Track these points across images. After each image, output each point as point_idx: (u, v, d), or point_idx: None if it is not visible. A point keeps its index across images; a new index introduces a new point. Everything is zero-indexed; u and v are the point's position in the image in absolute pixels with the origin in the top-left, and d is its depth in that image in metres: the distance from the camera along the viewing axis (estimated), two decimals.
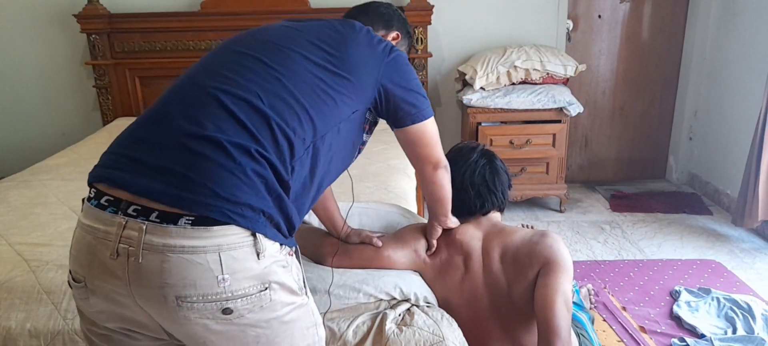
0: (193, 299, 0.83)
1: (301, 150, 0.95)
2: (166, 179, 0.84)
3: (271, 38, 1.05)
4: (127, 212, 0.84)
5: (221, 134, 0.86)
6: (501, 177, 1.44)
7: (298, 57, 1.01)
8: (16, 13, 3.28)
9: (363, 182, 2.08)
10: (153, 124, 0.92)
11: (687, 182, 3.72)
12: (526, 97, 3.01)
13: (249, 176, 0.86)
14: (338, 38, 1.08)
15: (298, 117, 0.94)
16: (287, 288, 0.92)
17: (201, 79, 0.96)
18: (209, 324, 0.86)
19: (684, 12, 3.50)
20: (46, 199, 2.03)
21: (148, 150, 0.88)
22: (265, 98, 0.92)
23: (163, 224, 0.82)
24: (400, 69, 1.13)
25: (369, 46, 1.11)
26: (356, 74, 1.05)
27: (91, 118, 3.45)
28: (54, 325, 1.44)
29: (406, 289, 1.33)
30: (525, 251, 1.32)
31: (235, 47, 1.04)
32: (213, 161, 0.84)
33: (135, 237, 0.82)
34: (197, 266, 0.82)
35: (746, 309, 2.17)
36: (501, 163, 1.47)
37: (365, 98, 1.08)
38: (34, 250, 1.61)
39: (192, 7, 3.24)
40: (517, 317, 1.34)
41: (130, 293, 0.85)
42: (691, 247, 2.81)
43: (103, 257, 0.85)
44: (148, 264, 0.82)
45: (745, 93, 3.07)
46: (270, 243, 0.89)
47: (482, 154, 1.45)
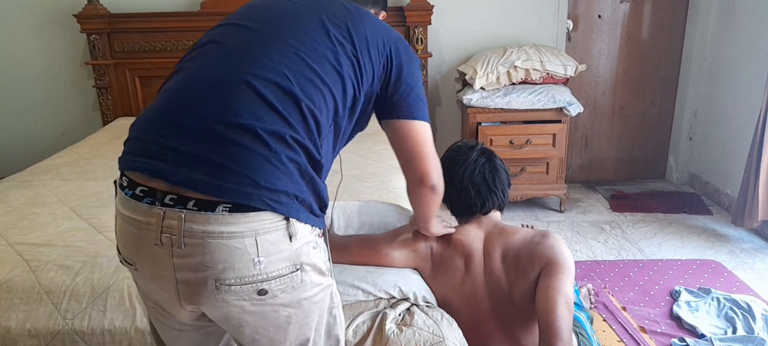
0: (232, 281, 0.87)
1: (326, 128, 0.98)
2: (206, 169, 0.85)
3: (285, 14, 1.04)
4: (164, 201, 0.85)
5: (256, 122, 0.87)
6: (501, 176, 1.44)
7: (317, 35, 1.01)
8: (17, 13, 3.28)
9: (363, 182, 2.08)
10: (183, 110, 0.91)
11: (687, 182, 3.72)
12: (526, 97, 3.01)
13: (284, 163, 0.88)
14: (351, 16, 1.06)
15: (323, 96, 0.96)
16: (317, 269, 0.96)
17: (226, 61, 0.96)
18: (245, 305, 0.90)
19: (684, 12, 3.50)
20: (46, 199, 2.03)
21: (182, 138, 0.88)
22: (293, 79, 0.93)
23: (201, 212, 0.84)
24: (407, 56, 1.10)
25: (380, 26, 1.10)
26: (368, 52, 1.04)
27: (91, 118, 3.45)
28: (54, 325, 1.44)
29: (405, 288, 1.33)
30: (526, 251, 1.32)
31: (251, 24, 1.02)
32: (251, 150, 0.86)
33: (175, 226, 0.85)
34: (235, 250, 0.85)
35: (746, 309, 2.17)
36: (500, 161, 1.46)
37: (374, 76, 1.06)
38: (34, 250, 1.61)
39: (192, 7, 3.24)
40: (517, 317, 1.34)
41: (173, 278, 0.89)
42: (691, 247, 2.81)
43: (149, 245, 0.88)
44: (191, 250, 0.85)
45: (745, 93, 3.07)
46: (302, 226, 0.92)
47: (481, 152, 1.44)
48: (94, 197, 2.04)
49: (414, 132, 1.09)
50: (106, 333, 1.44)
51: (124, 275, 1.49)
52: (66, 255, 1.58)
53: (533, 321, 1.34)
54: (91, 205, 1.96)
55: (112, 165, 2.41)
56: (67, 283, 1.48)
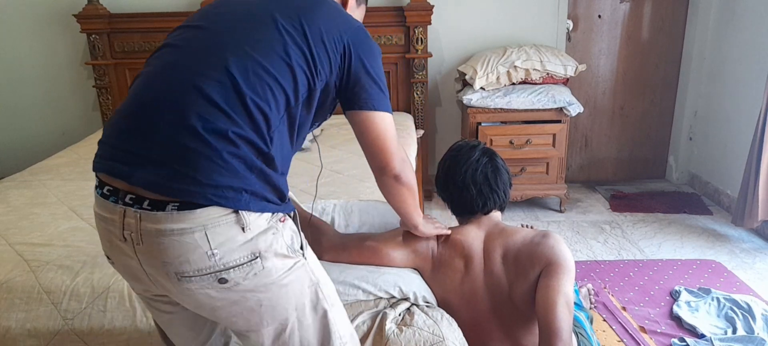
0: (190, 273, 0.92)
1: (277, 120, 0.99)
2: (156, 170, 0.91)
3: (237, 12, 1.06)
4: (125, 200, 0.92)
5: (198, 121, 0.91)
6: (502, 176, 1.43)
7: (266, 29, 1.02)
8: (17, 13, 3.28)
9: (363, 182, 2.08)
10: (138, 114, 0.97)
11: (687, 182, 3.72)
12: (526, 97, 3.01)
13: (226, 159, 0.91)
14: (305, 8, 1.06)
15: (270, 89, 0.97)
16: (279, 254, 0.98)
17: (179, 61, 1.01)
18: (210, 293, 0.95)
19: (684, 12, 3.50)
20: (46, 199, 2.03)
21: (139, 141, 0.94)
22: (238, 75, 0.95)
23: (153, 212, 0.90)
24: (367, 46, 1.10)
25: (338, 15, 1.10)
26: (323, 41, 1.04)
27: (90, 118, 3.45)
28: (54, 325, 1.44)
29: (405, 288, 1.33)
30: (527, 251, 1.31)
31: (204, 24, 1.06)
32: (193, 150, 0.90)
33: (133, 224, 0.92)
34: (187, 245, 0.90)
35: (746, 309, 2.17)
36: (502, 161, 1.46)
37: (331, 66, 1.06)
38: (34, 250, 1.62)
39: (192, 7, 3.24)
40: (517, 317, 1.34)
41: (142, 270, 0.96)
42: (691, 247, 2.81)
43: (116, 240, 0.96)
44: (148, 246, 0.92)
45: (745, 93, 3.07)
46: (256, 215, 0.95)
47: (483, 152, 1.44)
48: (94, 197, 2.03)
49: (374, 123, 1.10)
50: (106, 333, 1.44)
51: None
52: (66, 255, 1.58)
53: (533, 321, 1.34)
54: (91, 205, 1.95)
55: None
56: (67, 283, 1.48)
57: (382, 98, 1.11)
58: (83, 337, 1.45)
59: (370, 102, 1.10)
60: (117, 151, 0.96)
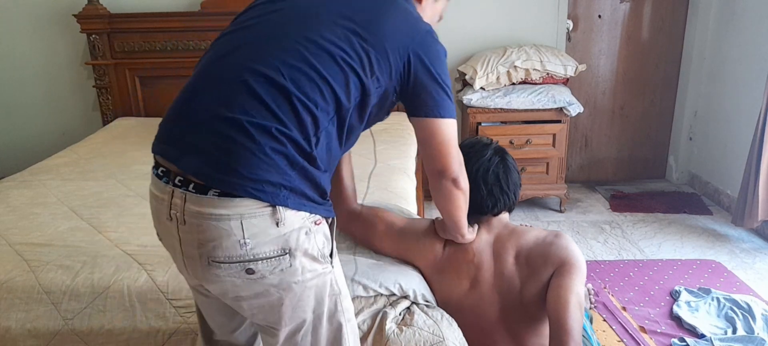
0: (221, 259, 0.95)
1: (326, 121, 0.99)
2: (201, 158, 0.94)
3: (300, 8, 1.05)
4: (174, 182, 0.96)
5: (244, 116, 0.93)
6: (513, 176, 1.40)
7: (326, 28, 1.01)
8: (17, 13, 3.27)
9: (363, 182, 2.08)
10: (190, 101, 1.00)
11: (687, 182, 3.72)
12: (526, 97, 3.01)
13: (268, 154, 0.93)
14: (375, 9, 1.05)
15: (319, 90, 0.97)
16: (309, 255, 0.99)
17: (233, 53, 1.02)
18: (236, 282, 0.97)
19: (684, 12, 3.50)
20: (46, 199, 2.03)
21: (188, 128, 0.98)
22: (286, 73, 0.96)
23: (197, 194, 0.93)
24: (433, 51, 1.08)
25: (405, 19, 1.07)
26: (385, 48, 1.02)
27: (90, 118, 3.44)
28: (54, 325, 1.44)
29: (405, 285, 1.33)
30: (539, 251, 1.31)
31: (267, 15, 1.06)
32: (236, 142, 0.92)
33: (179, 205, 0.95)
34: (223, 231, 0.93)
35: (746, 309, 2.17)
36: (513, 161, 1.42)
37: (391, 72, 1.04)
38: (34, 250, 1.61)
39: (192, 7, 3.24)
40: (525, 319, 1.34)
41: (181, 251, 0.99)
42: (691, 247, 2.81)
43: (164, 219, 0.99)
44: (189, 227, 0.95)
45: (745, 93, 3.07)
46: (292, 212, 0.96)
47: (496, 151, 1.40)
48: (94, 197, 2.03)
49: (439, 130, 1.10)
50: (105, 333, 1.44)
51: (124, 275, 1.50)
52: (66, 255, 1.58)
53: (540, 323, 1.33)
54: (91, 205, 1.96)
55: (112, 165, 2.41)
56: (67, 283, 1.48)
57: (448, 104, 1.10)
58: (83, 337, 1.44)
59: (437, 109, 1.09)
60: (170, 135, 1.00)
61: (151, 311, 1.45)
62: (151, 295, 1.46)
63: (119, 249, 1.61)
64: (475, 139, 1.47)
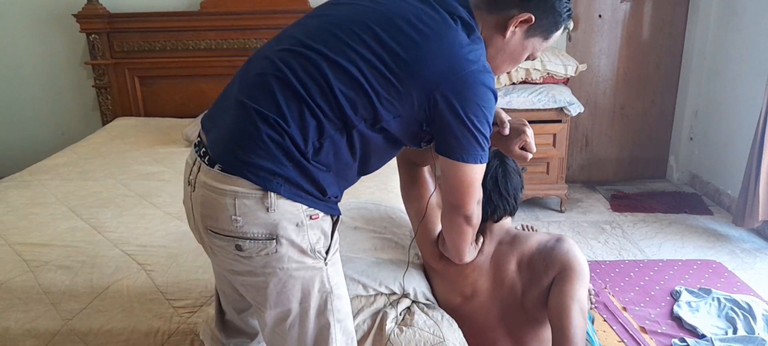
0: (216, 230, 1.01)
1: (332, 130, 1.00)
2: (217, 135, 1.03)
3: (338, 18, 1.03)
4: (200, 151, 1.04)
5: (254, 103, 0.99)
6: (513, 180, 1.37)
7: (349, 46, 0.99)
8: (16, 12, 3.27)
9: (363, 182, 2.07)
10: (230, 85, 1.09)
11: (688, 182, 3.71)
12: (527, 97, 3.01)
13: (265, 141, 0.96)
14: (411, 36, 0.98)
15: (328, 101, 0.98)
16: (297, 246, 1.01)
17: (266, 51, 1.07)
18: (230, 255, 1.02)
19: (684, 11, 3.50)
20: (46, 199, 2.03)
21: (220, 108, 1.07)
22: (301, 77, 0.99)
23: (208, 166, 1.01)
24: (469, 93, 0.98)
25: (448, 56, 0.98)
26: (408, 83, 0.97)
27: (90, 118, 3.44)
28: (53, 325, 1.44)
29: (405, 284, 1.33)
30: (541, 256, 1.29)
31: (307, 21, 1.08)
32: (240, 127, 0.99)
33: (195, 172, 1.04)
34: (219, 204, 0.99)
35: (747, 309, 2.17)
36: (514, 165, 1.40)
37: (414, 106, 0.99)
38: (34, 250, 1.61)
39: (191, 6, 3.24)
40: (526, 323, 1.33)
41: (192, 215, 1.07)
42: (691, 247, 2.80)
43: (185, 183, 1.08)
44: (197, 195, 1.03)
45: (746, 93, 3.07)
46: (285, 201, 0.98)
47: (495, 155, 1.37)
48: (93, 197, 2.03)
49: (458, 173, 1.05)
50: (105, 333, 1.44)
51: (124, 275, 1.49)
52: (65, 255, 1.58)
53: (542, 327, 1.32)
54: (91, 205, 1.96)
55: (111, 165, 2.40)
56: (67, 283, 1.48)
57: (474, 149, 1.02)
58: (83, 337, 1.44)
59: (461, 153, 1.02)
60: (212, 110, 1.10)
61: (151, 312, 1.45)
62: (151, 295, 1.46)
63: (119, 249, 1.61)
64: None
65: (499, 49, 1.09)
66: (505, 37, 1.07)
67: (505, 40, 1.08)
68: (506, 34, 1.07)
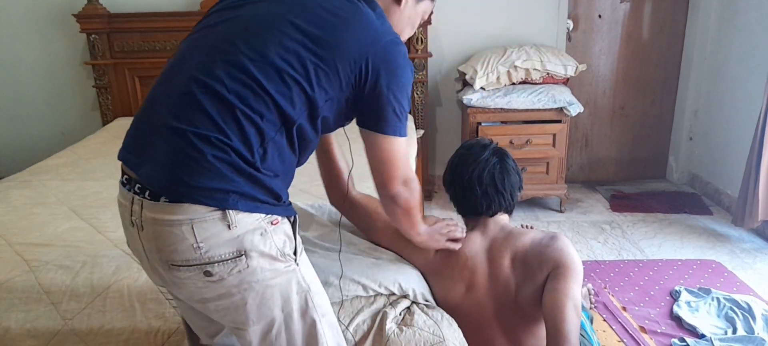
0: (179, 262, 0.96)
1: (273, 132, 0.98)
2: (154, 166, 0.96)
3: (250, 16, 1.04)
4: (135, 189, 0.99)
5: (189, 126, 0.95)
6: (511, 178, 1.38)
7: (273, 39, 0.99)
8: (16, 13, 3.27)
9: (362, 182, 2.08)
10: (150, 111, 1.03)
11: (687, 182, 3.71)
12: (527, 97, 3.01)
13: (211, 162, 0.93)
14: (328, 19, 1.02)
15: (264, 102, 0.97)
16: (266, 255, 0.99)
17: (183, 64, 1.03)
18: (198, 284, 0.99)
19: (684, 12, 3.50)
20: (46, 199, 2.03)
21: (145, 137, 1.01)
22: (229, 86, 0.96)
23: (152, 201, 0.96)
24: (390, 63, 1.04)
25: (368, 28, 1.04)
26: (334, 61, 1.00)
27: (90, 118, 3.44)
28: (53, 325, 1.44)
29: (405, 284, 1.33)
30: (535, 253, 1.30)
31: (216, 24, 1.06)
32: (182, 152, 0.94)
33: (138, 211, 0.98)
34: (176, 236, 0.94)
35: (746, 309, 2.17)
36: (513, 162, 1.40)
37: (342, 84, 1.02)
38: (34, 250, 1.61)
39: (191, 6, 3.24)
40: (521, 320, 1.33)
41: (146, 256, 1.01)
42: (691, 247, 2.81)
43: (127, 225, 1.02)
44: (147, 233, 0.98)
45: (746, 93, 3.07)
46: (245, 215, 0.96)
47: (494, 152, 1.39)
48: (93, 197, 2.03)
49: (381, 146, 1.08)
50: (105, 333, 1.44)
51: (124, 275, 1.49)
52: (66, 255, 1.58)
53: (537, 323, 1.33)
54: (91, 205, 1.96)
55: (111, 165, 2.41)
56: (67, 283, 1.48)
57: (396, 122, 1.07)
58: (83, 337, 1.44)
59: (381, 125, 1.06)
60: (132, 143, 1.03)
61: (151, 311, 1.45)
62: (151, 295, 1.46)
63: (119, 249, 1.61)
64: (475, 140, 1.46)
65: (398, 18, 1.19)
66: (400, 7, 1.18)
67: (401, 9, 1.19)
68: (402, 4, 1.18)
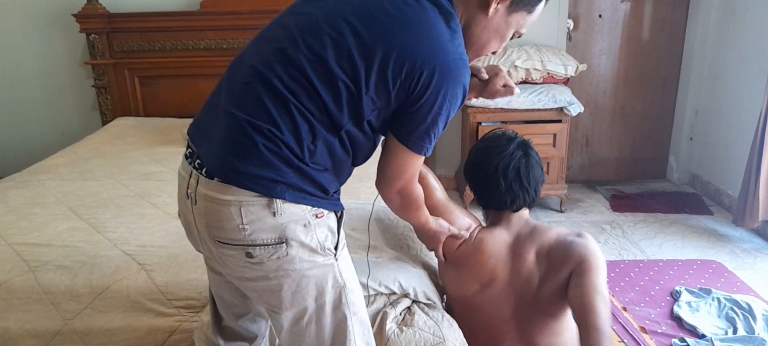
0: (224, 240, 1.00)
1: (324, 131, 1.00)
2: (209, 148, 1.02)
3: (317, 14, 1.02)
4: (195, 163, 1.03)
5: (247, 115, 0.98)
6: (535, 173, 1.36)
7: (330, 45, 0.98)
8: (16, 12, 3.27)
9: (363, 182, 2.08)
10: (217, 93, 1.08)
11: (688, 182, 3.71)
12: (527, 97, 3.01)
13: (262, 152, 0.97)
14: (389, 24, 0.98)
15: (316, 103, 0.99)
16: (306, 246, 1.01)
17: (252, 55, 1.05)
18: (240, 263, 1.02)
19: (685, 11, 3.50)
20: (45, 199, 2.03)
21: (209, 118, 1.06)
22: (286, 81, 0.98)
23: (206, 178, 1.00)
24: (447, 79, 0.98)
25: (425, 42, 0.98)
26: (387, 71, 0.97)
27: (90, 118, 3.44)
28: (53, 325, 1.44)
29: (405, 283, 1.33)
30: (560, 249, 1.30)
31: (287, 20, 1.07)
32: (237, 140, 0.98)
33: (194, 185, 1.02)
34: (224, 214, 0.98)
35: (747, 309, 2.17)
36: (537, 156, 1.38)
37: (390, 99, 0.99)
38: (33, 250, 1.61)
39: (191, 6, 3.24)
40: (537, 314, 1.33)
41: (196, 228, 1.06)
42: (691, 247, 2.80)
43: (183, 196, 1.07)
44: (199, 208, 1.02)
45: (746, 93, 3.07)
46: (290, 205, 0.99)
47: (519, 145, 1.36)
48: (93, 197, 2.03)
49: (401, 157, 1.06)
50: (105, 333, 1.44)
51: (124, 275, 1.49)
52: (65, 255, 1.57)
53: (554, 320, 1.33)
54: (90, 205, 1.96)
55: (111, 165, 2.40)
56: (67, 283, 1.48)
57: (427, 144, 1.04)
58: (83, 337, 1.44)
59: (414, 143, 1.03)
60: (200, 122, 1.09)
61: (151, 311, 1.45)
62: (151, 295, 1.46)
63: (118, 249, 1.61)
64: (501, 132, 1.42)
65: (483, 27, 1.09)
66: (488, 15, 1.07)
67: (488, 17, 1.08)
68: (489, 12, 1.07)
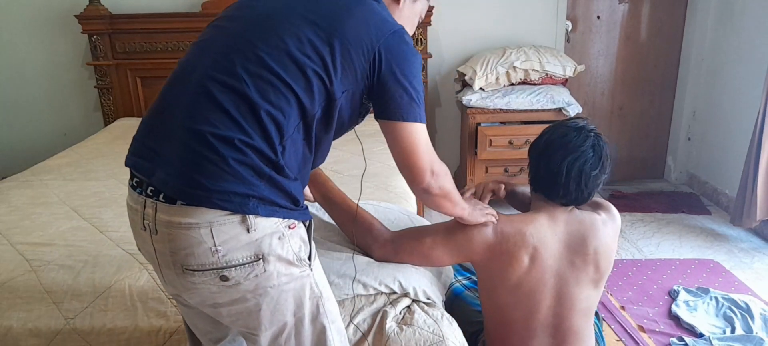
0: (194, 267, 0.95)
1: (291, 129, 0.98)
2: (169, 170, 0.95)
3: (263, 13, 1.04)
4: (147, 192, 0.97)
5: (208, 127, 0.93)
6: (599, 179, 1.31)
7: (288, 32, 0.99)
8: (18, 13, 3.28)
9: (363, 182, 2.09)
10: (162, 113, 1.02)
11: (685, 182, 3.73)
12: (525, 98, 3.02)
13: (232, 166, 0.92)
14: (338, 11, 1.03)
15: (285, 96, 0.97)
16: (283, 259, 0.99)
17: (197, 64, 1.02)
18: (212, 289, 0.97)
19: (682, 12, 3.51)
20: (48, 199, 2.04)
21: (158, 140, 0.99)
22: (250, 83, 0.96)
23: (167, 204, 0.94)
24: (400, 52, 1.05)
25: (371, 19, 1.04)
26: (349, 51, 1.01)
27: (92, 119, 3.45)
28: (55, 324, 1.45)
29: (405, 282, 1.33)
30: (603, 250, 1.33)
31: (227, 23, 1.06)
32: (201, 155, 0.93)
33: (151, 214, 0.96)
34: (193, 239, 0.93)
35: (744, 309, 2.18)
36: (608, 159, 1.32)
37: (357, 75, 1.03)
38: (36, 250, 1.62)
39: (193, 7, 3.25)
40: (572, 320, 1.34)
41: (157, 260, 1.00)
42: (689, 246, 2.82)
43: (138, 229, 1.00)
44: (161, 237, 0.96)
45: (744, 93, 3.08)
46: (263, 219, 0.95)
47: (593, 147, 1.30)
48: (95, 197, 2.04)
49: (402, 134, 1.07)
50: (107, 332, 1.45)
51: (126, 275, 1.50)
52: (67, 255, 1.59)
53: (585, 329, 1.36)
54: (93, 205, 1.97)
55: (113, 165, 2.42)
56: (69, 282, 1.49)
57: (414, 108, 1.06)
58: (85, 336, 1.45)
59: (399, 112, 1.05)
60: (142, 147, 1.01)
61: (153, 310, 1.46)
62: (153, 294, 1.47)
63: (120, 249, 1.62)
64: (583, 123, 1.35)
65: (397, 17, 1.19)
66: (399, 6, 1.20)
67: (399, 8, 1.20)
68: (400, 3, 1.20)
